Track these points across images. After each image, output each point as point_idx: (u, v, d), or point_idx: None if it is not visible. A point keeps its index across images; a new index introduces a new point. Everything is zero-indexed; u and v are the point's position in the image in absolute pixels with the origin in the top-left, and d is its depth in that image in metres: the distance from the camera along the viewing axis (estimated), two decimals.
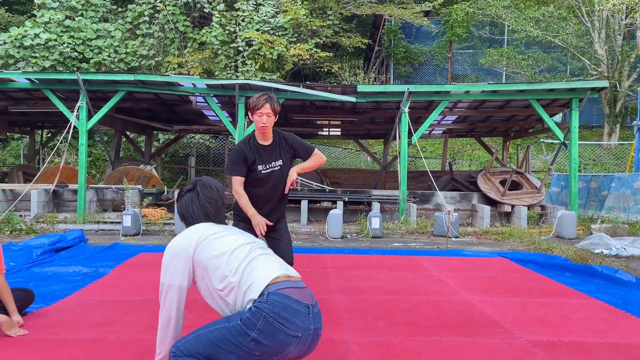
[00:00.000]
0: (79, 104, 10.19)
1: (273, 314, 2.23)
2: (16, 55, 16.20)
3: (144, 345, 3.35)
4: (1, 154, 18.83)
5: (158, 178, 12.63)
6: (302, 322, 2.27)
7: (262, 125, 3.74)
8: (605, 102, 17.84)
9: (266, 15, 17.17)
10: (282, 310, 2.24)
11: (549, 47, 20.36)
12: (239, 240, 2.57)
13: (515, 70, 19.23)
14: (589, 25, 17.21)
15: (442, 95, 10.70)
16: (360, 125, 14.54)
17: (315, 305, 2.38)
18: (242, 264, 2.41)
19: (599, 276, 5.63)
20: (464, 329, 3.79)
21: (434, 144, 20.59)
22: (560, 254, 7.00)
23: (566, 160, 14.42)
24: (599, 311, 4.33)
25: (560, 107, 11.64)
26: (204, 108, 12.58)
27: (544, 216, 10.87)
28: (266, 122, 3.72)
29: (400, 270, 6.00)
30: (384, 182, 14.20)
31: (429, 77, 22.43)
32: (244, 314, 2.27)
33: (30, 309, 4.03)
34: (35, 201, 10.12)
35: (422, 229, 9.64)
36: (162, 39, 17.77)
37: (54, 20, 16.85)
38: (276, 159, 3.88)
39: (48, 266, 5.87)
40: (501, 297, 4.75)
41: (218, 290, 2.41)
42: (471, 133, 15.73)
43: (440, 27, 22.09)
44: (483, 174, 12.02)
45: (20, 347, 3.27)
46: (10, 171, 14.38)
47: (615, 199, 11.50)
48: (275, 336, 2.22)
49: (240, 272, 2.38)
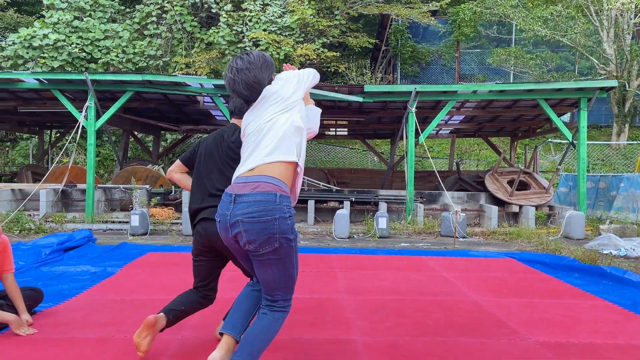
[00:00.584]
0: (87, 104, 10.25)
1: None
2: (25, 55, 16.31)
3: (152, 344, 3.36)
4: (10, 153, 18.97)
5: (166, 178, 12.67)
6: (222, 209, 2.54)
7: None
8: (614, 101, 17.71)
9: (273, 15, 17.18)
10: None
11: (557, 47, 20.24)
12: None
13: (523, 69, 19.14)
14: (597, 24, 17.10)
15: (450, 95, 10.66)
16: (367, 125, 14.52)
17: (245, 194, 2.47)
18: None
19: (608, 277, 5.59)
20: (471, 329, 3.78)
21: (441, 144, 20.53)
22: (568, 254, 6.97)
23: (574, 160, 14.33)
24: (607, 312, 4.31)
25: (568, 106, 11.57)
26: (212, 108, 12.61)
27: (552, 216, 10.81)
28: None
29: (408, 270, 5.99)
30: (391, 182, 14.18)
31: (436, 76, 22.37)
32: None
33: (40, 308, 4.06)
34: (44, 201, 10.19)
35: (430, 229, 9.62)
36: (170, 39, 17.83)
37: (63, 20, 16.95)
38: None
39: (57, 265, 5.91)
40: (509, 298, 4.73)
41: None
42: (479, 133, 15.67)
43: (448, 27, 22.02)
44: (491, 174, 11.98)
45: (29, 346, 3.29)
46: (20, 171, 14.49)
47: (624, 199, 11.42)
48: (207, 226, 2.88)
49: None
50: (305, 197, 10.77)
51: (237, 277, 5.48)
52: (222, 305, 4.35)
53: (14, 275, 3.72)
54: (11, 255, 3.76)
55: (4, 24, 20.06)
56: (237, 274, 5.70)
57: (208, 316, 4.01)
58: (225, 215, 2.51)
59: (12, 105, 12.02)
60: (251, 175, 2.51)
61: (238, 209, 2.46)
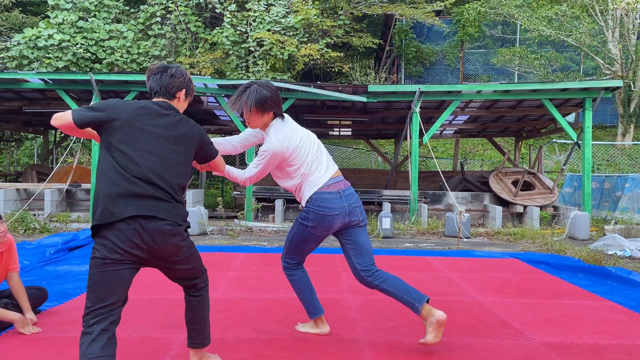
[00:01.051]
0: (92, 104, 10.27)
1: (316, 207, 3.23)
2: (30, 55, 16.37)
3: (156, 343, 3.37)
4: (15, 153, 19.04)
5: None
6: (337, 204, 3.24)
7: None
8: (619, 101, 17.65)
9: (277, 16, 17.19)
10: (321, 202, 3.23)
11: (561, 47, 20.18)
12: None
13: (528, 70, 19.09)
14: (602, 24, 17.04)
15: (454, 95, 10.65)
16: (371, 125, 14.52)
17: (345, 189, 3.32)
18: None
19: (613, 277, 5.57)
20: (475, 330, 3.77)
21: (445, 144, 20.50)
22: (573, 255, 6.94)
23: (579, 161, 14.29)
24: (612, 313, 4.29)
25: (573, 107, 11.54)
26: (215, 108, 12.63)
27: (557, 217, 10.77)
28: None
29: (411, 270, 5.98)
30: (395, 182, 14.17)
31: (440, 77, 22.34)
32: (301, 214, 3.33)
33: (44, 307, 4.07)
34: (49, 200, 10.23)
35: (433, 230, 9.60)
36: (174, 39, 17.86)
37: (68, 21, 17.01)
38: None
39: (61, 265, 5.94)
40: (513, 298, 4.72)
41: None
42: (483, 133, 15.63)
43: (452, 27, 21.98)
44: (495, 174, 11.95)
45: (33, 345, 3.30)
46: (24, 171, 14.54)
47: (629, 200, 11.37)
48: (322, 219, 3.24)
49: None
50: None
51: (242, 277, 5.49)
52: (226, 304, 4.35)
53: (18, 275, 3.74)
54: (16, 254, 3.78)
55: (9, 24, 20.14)
56: (241, 273, 5.71)
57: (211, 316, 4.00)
58: (343, 207, 3.26)
59: (17, 105, 12.07)
60: (337, 176, 3.37)
61: (351, 200, 3.32)
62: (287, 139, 3.22)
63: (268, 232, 9.57)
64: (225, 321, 3.87)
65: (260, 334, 3.60)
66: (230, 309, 4.23)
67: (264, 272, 5.72)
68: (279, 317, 3.97)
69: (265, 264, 6.21)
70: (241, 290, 4.86)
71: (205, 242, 8.32)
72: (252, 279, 5.39)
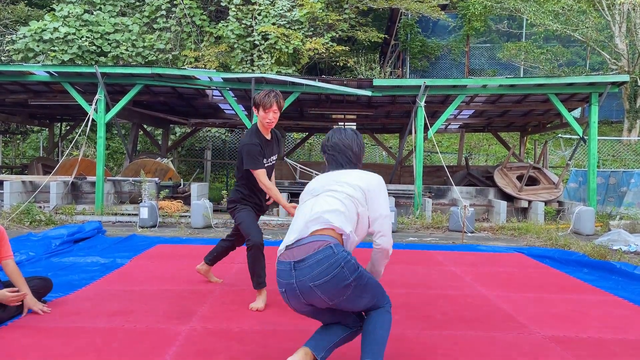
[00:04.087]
0: (97, 97, 10.30)
1: (277, 277, 2.67)
2: (36, 48, 16.40)
3: (161, 334, 3.38)
4: (21, 146, 19.12)
5: (175, 171, 12.72)
6: (284, 279, 2.59)
7: (268, 122, 3.98)
8: (626, 97, 17.53)
9: (282, 9, 17.15)
10: (277, 274, 2.67)
11: (568, 41, 20.05)
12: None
13: (534, 64, 18.98)
14: (609, 18, 16.91)
15: (459, 90, 10.61)
16: (376, 119, 14.49)
17: (301, 260, 2.54)
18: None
19: (617, 272, 5.55)
20: (480, 323, 3.77)
21: (450, 139, 20.44)
22: (577, 250, 6.92)
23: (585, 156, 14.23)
24: (617, 307, 4.28)
25: (579, 101, 11.47)
26: (220, 102, 12.63)
27: (562, 212, 10.74)
28: (272, 119, 3.97)
29: (416, 264, 5.98)
30: (399, 176, 14.15)
31: (446, 71, 22.25)
32: None
33: (49, 297, 4.10)
34: (54, 193, 10.27)
35: (438, 224, 9.59)
36: (179, 32, 17.85)
37: (73, 14, 17.02)
38: (273, 153, 4.23)
39: (67, 256, 5.96)
40: (518, 293, 4.72)
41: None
42: (488, 128, 15.57)
43: (457, 21, 21.87)
44: (500, 169, 11.91)
45: (40, 335, 3.32)
46: (30, 163, 14.60)
47: (634, 195, 11.32)
48: (281, 292, 2.66)
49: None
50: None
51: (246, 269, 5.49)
52: (231, 296, 4.37)
53: (14, 261, 3.74)
54: (7, 243, 3.77)
55: (15, 17, 20.16)
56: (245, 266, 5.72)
57: (216, 307, 4.03)
58: (290, 284, 2.67)
59: (23, 97, 12.11)
60: (302, 239, 2.75)
61: (306, 274, 2.64)
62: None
63: (272, 226, 9.59)
64: (229, 313, 3.89)
65: (265, 326, 3.61)
66: (235, 300, 4.24)
67: (268, 265, 5.70)
68: (283, 309, 3.98)
69: (270, 256, 6.19)
70: (246, 282, 4.86)
71: (210, 234, 8.34)
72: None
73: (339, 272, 2.48)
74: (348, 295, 2.53)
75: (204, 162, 17.88)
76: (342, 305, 2.59)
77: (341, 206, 2.70)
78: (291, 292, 2.57)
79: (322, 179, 2.89)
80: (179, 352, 3.09)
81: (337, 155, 2.94)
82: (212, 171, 18.51)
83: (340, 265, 2.49)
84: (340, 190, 2.75)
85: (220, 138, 18.92)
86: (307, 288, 2.51)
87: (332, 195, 2.75)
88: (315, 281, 2.48)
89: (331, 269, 2.48)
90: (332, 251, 2.52)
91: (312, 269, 2.50)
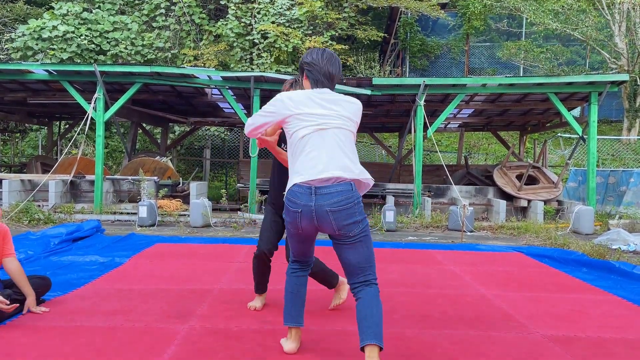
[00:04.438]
0: (96, 96, 10.28)
1: (286, 200, 2.88)
2: (34, 47, 16.37)
3: (160, 333, 3.38)
4: (20, 144, 19.10)
5: (173, 170, 12.71)
6: (302, 200, 2.79)
7: None
8: (625, 96, 17.53)
9: (282, 8, 17.13)
10: (290, 196, 2.85)
11: (567, 40, 20.04)
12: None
13: (533, 63, 18.97)
14: (609, 17, 16.90)
15: (459, 89, 10.60)
16: (375, 118, 14.47)
17: (322, 187, 2.77)
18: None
19: (617, 272, 5.56)
20: (479, 322, 3.77)
21: (449, 138, 20.44)
22: (577, 249, 6.93)
23: (584, 155, 14.23)
24: (616, 307, 4.28)
25: (578, 101, 11.47)
26: (219, 100, 12.61)
27: (561, 211, 10.75)
28: None
29: (415, 263, 5.98)
30: (399, 175, 14.14)
31: (445, 70, 22.24)
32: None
33: (48, 296, 4.09)
34: (53, 191, 10.25)
35: (437, 223, 9.59)
36: (178, 31, 17.82)
37: (72, 12, 16.98)
38: None
39: (65, 255, 5.95)
40: (517, 292, 4.71)
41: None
42: (487, 127, 15.57)
43: (457, 20, 21.85)
44: (499, 168, 11.91)
45: (39, 334, 3.32)
46: (29, 162, 14.58)
47: (634, 195, 11.33)
48: (288, 214, 2.88)
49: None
50: None
51: (245, 268, 5.49)
52: (230, 295, 4.37)
53: (17, 259, 3.74)
54: (11, 241, 3.76)
55: (13, 15, 20.13)
56: (245, 265, 5.72)
57: (216, 306, 4.03)
58: (307, 206, 2.85)
59: (21, 96, 12.08)
60: (329, 179, 2.93)
61: (324, 200, 2.85)
62: None
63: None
64: (229, 312, 3.89)
65: (264, 325, 3.61)
66: (234, 299, 4.24)
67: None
68: (282, 308, 3.97)
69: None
70: (245, 282, 4.86)
71: (209, 234, 8.33)
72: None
73: (352, 207, 2.76)
74: (354, 236, 2.78)
75: (203, 161, 17.86)
76: (343, 241, 2.81)
77: (352, 152, 2.91)
78: (307, 214, 2.79)
79: (317, 102, 2.88)
80: (177, 351, 3.08)
81: (318, 75, 2.95)
82: (211, 170, 18.49)
83: (354, 202, 2.77)
84: (346, 129, 2.91)
85: (220, 137, 18.90)
86: (324, 212, 2.75)
87: (343, 134, 2.90)
88: (333, 207, 2.74)
89: (347, 202, 2.75)
90: (350, 188, 2.78)
91: (332, 197, 2.75)
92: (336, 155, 2.81)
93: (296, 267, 3.14)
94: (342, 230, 2.76)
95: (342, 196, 2.75)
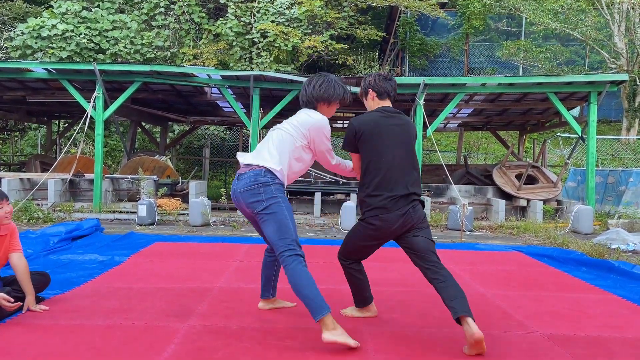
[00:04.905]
0: (95, 94, 10.27)
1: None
2: (34, 45, 16.35)
3: (159, 332, 3.38)
4: (19, 143, 19.08)
5: (173, 169, 12.70)
6: (232, 186, 3.43)
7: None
8: (624, 96, 17.55)
9: (281, 7, 17.12)
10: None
11: (567, 40, 20.05)
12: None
13: (533, 63, 18.98)
14: (608, 17, 16.91)
15: (458, 88, 10.61)
16: None
17: (243, 173, 3.32)
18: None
19: (616, 271, 5.56)
20: (478, 322, 3.75)
21: (449, 137, 20.45)
22: (576, 248, 6.93)
23: (583, 155, 14.24)
24: (615, 306, 4.28)
25: (578, 100, 11.48)
26: (219, 99, 12.61)
27: (560, 211, 10.76)
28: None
29: None
30: None
31: (445, 69, 22.24)
32: None
33: (48, 294, 4.09)
34: (52, 190, 10.25)
35: (436, 223, 9.60)
36: (178, 30, 17.81)
37: (71, 11, 16.97)
38: None
39: (65, 254, 5.95)
40: (516, 291, 4.72)
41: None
42: (487, 126, 15.58)
43: (457, 20, 21.86)
44: (498, 167, 11.92)
45: (38, 332, 3.32)
46: (28, 161, 14.56)
47: (633, 194, 11.34)
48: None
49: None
50: (312, 190, 10.76)
51: (245, 267, 5.50)
52: (230, 294, 4.37)
53: (23, 255, 3.76)
54: (18, 238, 3.80)
55: (12, 14, 20.11)
56: (244, 264, 5.73)
57: (215, 305, 4.03)
58: (233, 190, 3.54)
59: (20, 95, 12.07)
60: (245, 165, 3.52)
61: (239, 184, 3.45)
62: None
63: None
64: (228, 310, 3.89)
65: (264, 323, 3.61)
66: (233, 298, 4.24)
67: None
68: (281, 307, 3.98)
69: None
70: (244, 280, 4.87)
71: (208, 232, 8.33)
72: (255, 269, 5.39)
73: (256, 188, 3.22)
74: (259, 214, 3.22)
75: (203, 160, 17.86)
76: (258, 221, 3.28)
77: (278, 145, 3.37)
78: (234, 197, 3.38)
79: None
80: (177, 349, 3.08)
81: (301, 96, 3.57)
82: (211, 169, 18.48)
83: (259, 183, 3.23)
84: (284, 131, 3.41)
85: (219, 136, 18.89)
86: (238, 194, 3.31)
87: (276, 132, 3.46)
88: (241, 189, 3.28)
89: (254, 183, 3.23)
90: (260, 173, 3.25)
91: (245, 181, 3.28)
92: (261, 148, 3.42)
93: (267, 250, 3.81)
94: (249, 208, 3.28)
95: (250, 180, 3.26)
